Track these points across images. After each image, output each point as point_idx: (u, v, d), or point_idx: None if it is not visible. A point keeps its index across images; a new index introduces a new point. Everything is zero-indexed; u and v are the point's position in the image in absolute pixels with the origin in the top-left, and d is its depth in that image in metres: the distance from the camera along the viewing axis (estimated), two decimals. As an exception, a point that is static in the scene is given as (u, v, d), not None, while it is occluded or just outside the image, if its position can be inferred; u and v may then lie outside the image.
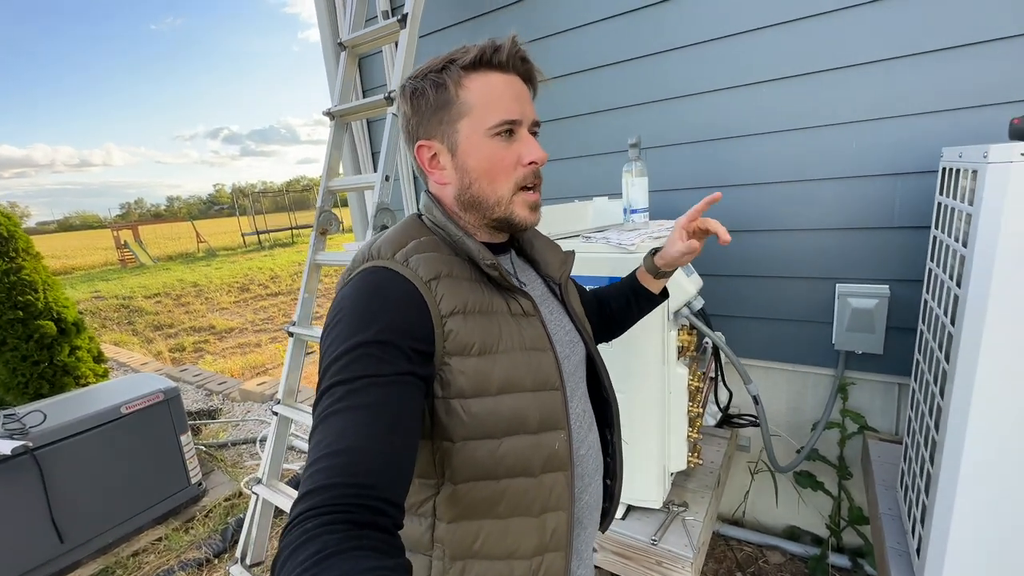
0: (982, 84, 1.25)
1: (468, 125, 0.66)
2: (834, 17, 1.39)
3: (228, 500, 2.48)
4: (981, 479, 0.85)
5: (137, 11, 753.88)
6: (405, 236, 0.67)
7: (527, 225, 0.72)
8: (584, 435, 0.76)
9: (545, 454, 0.66)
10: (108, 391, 2.31)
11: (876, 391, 1.61)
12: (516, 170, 0.68)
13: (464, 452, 0.62)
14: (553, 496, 0.68)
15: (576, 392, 0.76)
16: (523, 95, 0.69)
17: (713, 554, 1.84)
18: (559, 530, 0.69)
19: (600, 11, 1.74)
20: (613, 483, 0.86)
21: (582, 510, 0.76)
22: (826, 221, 1.53)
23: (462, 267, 0.66)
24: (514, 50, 0.66)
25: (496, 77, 0.67)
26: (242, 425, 3.39)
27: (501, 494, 0.64)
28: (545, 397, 0.67)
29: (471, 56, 0.65)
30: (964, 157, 0.90)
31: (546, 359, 0.68)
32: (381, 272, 0.62)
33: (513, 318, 0.68)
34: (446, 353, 0.61)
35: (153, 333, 7.26)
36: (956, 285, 0.89)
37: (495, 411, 0.62)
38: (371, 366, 0.54)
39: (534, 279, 0.81)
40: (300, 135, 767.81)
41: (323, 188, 1.80)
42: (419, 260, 0.63)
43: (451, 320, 0.61)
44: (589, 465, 0.77)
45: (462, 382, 0.61)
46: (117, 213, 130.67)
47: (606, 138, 1.84)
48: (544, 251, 0.83)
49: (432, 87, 0.67)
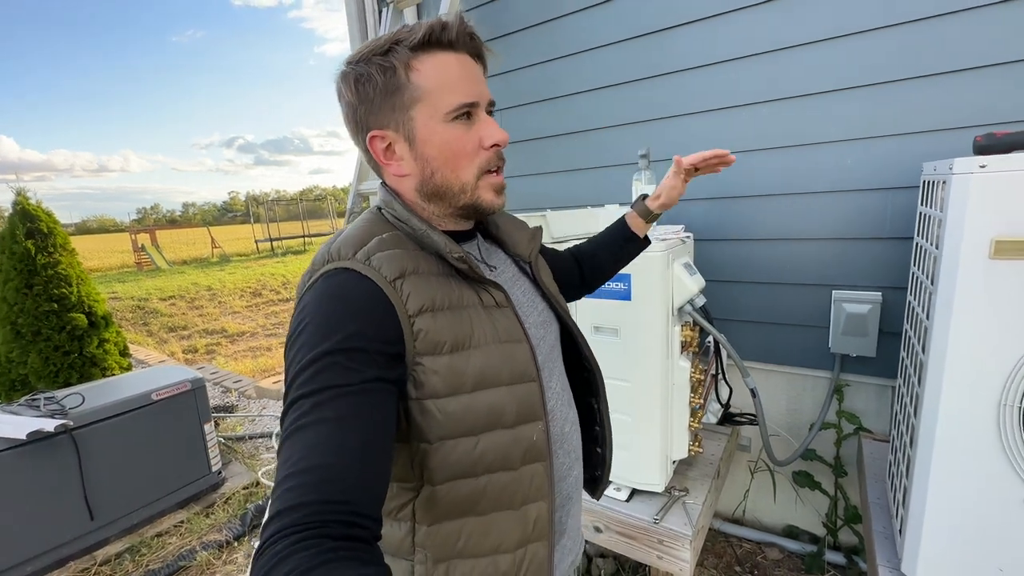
0: (963, 108, 1.37)
1: (424, 111, 0.62)
2: (827, 45, 1.52)
3: (246, 488, 2.58)
4: (954, 458, 0.94)
5: (161, 23, 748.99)
6: (367, 233, 0.63)
7: (495, 209, 0.69)
8: (565, 412, 0.76)
9: (524, 447, 0.65)
10: (140, 379, 2.44)
11: (870, 393, 1.69)
12: (479, 154, 0.65)
13: (441, 452, 0.61)
14: (533, 487, 0.67)
15: (554, 373, 0.76)
16: (477, 75, 0.65)
17: (713, 549, 1.91)
18: (541, 519, 0.68)
19: (614, 35, 1.89)
20: (604, 450, 0.86)
21: (571, 486, 0.77)
22: (823, 231, 1.64)
23: (428, 262, 0.63)
24: (463, 27, 0.63)
25: (448, 57, 0.62)
26: (258, 420, 3.50)
27: (482, 491, 0.63)
28: (521, 389, 0.65)
29: (419, 35, 0.61)
30: (937, 170, 1.01)
31: (521, 350, 0.67)
32: (343, 274, 0.58)
33: (485, 311, 0.65)
34: (417, 353, 0.58)
35: (167, 334, 7.43)
36: (931, 283, 0.99)
37: (471, 408, 0.61)
38: (337, 376, 0.51)
39: (503, 260, 0.78)
40: (313, 146, 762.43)
41: (353, 191, 1.94)
42: (382, 258, 0.59)
43: (419, 319, 0.58)
44: (574, 440, 0.78)
45: (435, 382, 0.59)
46: (134, 218, 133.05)
47: (617, 151, 1.97)
48: (511, 230, 0.81)
49: (379, 71, 0.61)
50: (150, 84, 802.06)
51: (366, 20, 2.49)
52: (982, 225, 0.85)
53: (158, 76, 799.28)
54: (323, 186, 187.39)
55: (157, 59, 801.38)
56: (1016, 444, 0.88)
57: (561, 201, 2.14)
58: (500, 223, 0.80)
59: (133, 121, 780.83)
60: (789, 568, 1.79)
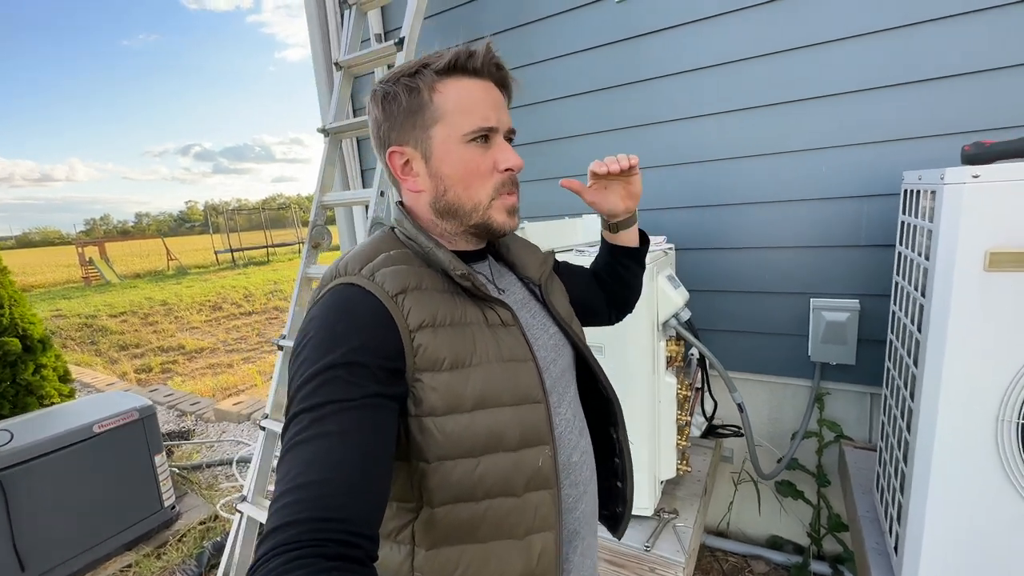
0: (937, 116, 1.38)
1: (443, 131, 0.64)
2: (800, 53, 1.52)
3: (203, 524, 2.39)
4: (952, 475, 0.91)
5: (110, 26, 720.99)
6: (374, 250, 0.65)
7: (506, 230, 0.70)
8: (576, 441, 0.74)
9: (528, 472, 0.63)
10: (80, 409, 2.22)
11: (850, 401, 1.69)
12: (493, 176, 0.66)
13: (440, 473, 0.59)
14: (538, 517, 0.64)
15: (564, 398, 0.74)
16: (499, 102, 0.68)
17: (700, 565, 1.86)
18: (547, 552, 0.65)
19: (585, 42, 1.85)
20: (624, 485, 0.83)
21: (578, 521, 0.73)
22: (800, 239, 1.63)
23: (433, 279, 0.64)
24: (488, 57, 0.65)
25: (471, 83, 0.65)
26: (217, 447, 3.28)
27: (481, 517, 0.61)
28: (526, 411, 0.63)
29: (445, 61, 0.64)
30: (923, 179, 1.00)
31: (526, 370, 0.65)
32: (347, 289, 0.60)
33: (490, 329, 0.65)
34: (416, 369, 0.58)
35: (118, 353, 6.98)
36: (921, 295, 0.97)
37: (470, 428, 0.59)
38: (339, 390, 0.52)
39: (513, 283, 0.78)
40: (275, 153, 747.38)
41: (316, 203, 1.82)
42: (386, 274, 0.61)
43: (419, 334, 0.58)
44: (584, 472, 0.75)
45: (434, 399, 0.58)
46: (81, 229, 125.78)
47: (591, 159, 1.92)
48: (521, 253, 0.81)
49: (405, 91, 0.65)
50: (98, 90, 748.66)
51: (327, 23, 2.37)
52: (976, 237, 0.82)
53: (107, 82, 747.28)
54: (287, 194, 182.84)
55: (106, 64, 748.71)
56: (1015, 460, 0.86)
57: (538, 211, 2.08)
58: (511, 246, 0.81)
59: (80, 129, 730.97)
60: (776, 581, 1.77)
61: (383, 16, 2.32)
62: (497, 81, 0.68)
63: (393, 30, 2.32)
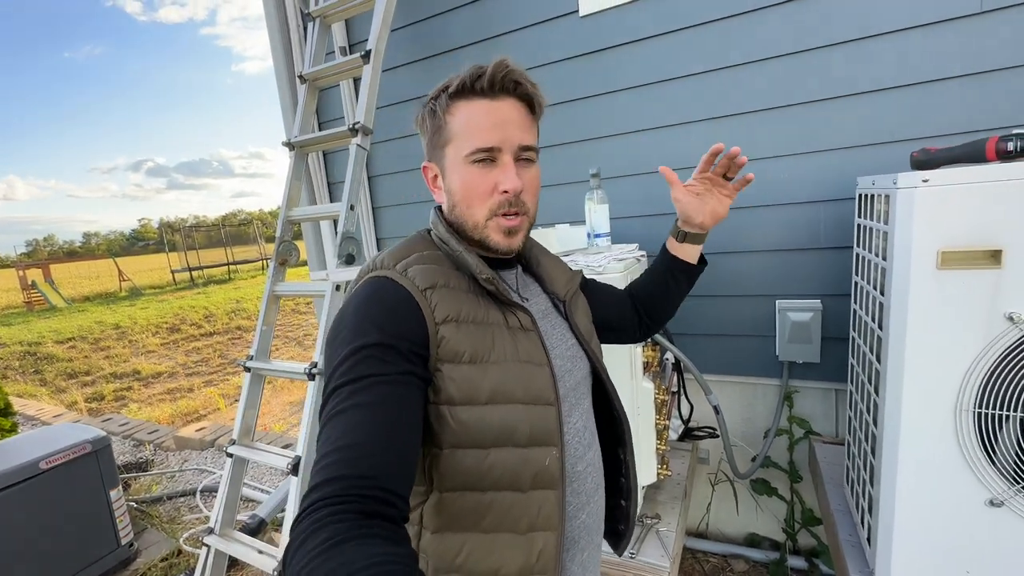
0: (885, 124, 1.47)
1: (452, 151, 0.70)
2: (762, 65, 1.59)
3: (165, 560, 2.24)
4: (918, 465, 0.95)
5: (51, 37, 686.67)
6: (409, 249, 0.70)
7: (502, 250, 0.72)
8: (583, 452, 0.75)
9: (534, 469, 0.65)
10: (25, 444, 2.06)
11: (817, 397, 1.75)
12: (491, 197, 0.69)
13: (451, 460, 0.63)
14: (541, 515, 0.66)
15: (577, 408, 0.76)
16: (509, 120, 0.68)
17: (682, 567, 1.88)
18: (547, 552, 0.66)
19: (554, 54, 1.88)
20: (628, 503, 0.85)
21: (577, 529, 0.74)
22: (765, 243, 1.69)
23: (460, 279, 0.68)
24: (500, 74, 0.67)
25: (479, 105, 0.68)
26: (179, 477, 3.10)
27: (487, 507, 0.64)
28: (537, 411, 0.66)
29: (456, 84, 0.68)
30: (877, 184, 1.05)
31: (541, 373, 0.68)
32: (381, 281, 0.65)
33: (509, 331, 0.68)
34: (438, 359, 0.62)
35: (66, 382, 6.56)
36: (880, 293, 1.02)
37: (483, 420, 0.62)
38: (375, 366, 0.56)
39: (538, 295, 0.81)
40: (234, 168, 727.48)
41: (283, 218, 1.77)
42: (417, 270, 0.66)
43: (444, 327, 0.63)
44: (588, 483, 0.76)
45: (451, 389, 0.62)
46: (23, 251, 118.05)
47: (565, 169, 1.95)
48: (550, 268, 0.84)
49: (430, 113, 0.71)
50: (38, 104, 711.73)
51: (289, 35, 2.33)
52: (929, 237, 0.87)
53: (48, 95, 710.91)
54: (248, 209, 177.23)
55: (46, 76, 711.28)
56: (973, 447, 0.90)
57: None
58: (542, 260, 0.85)
59: (18, 144, 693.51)
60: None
61: (347, 29, 2.30)
62: (519, 97, 0.70)
63: (358, 43, 2.30)
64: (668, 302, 0.97)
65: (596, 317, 0.89)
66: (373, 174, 2.41)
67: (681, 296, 0.98)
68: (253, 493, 2.72)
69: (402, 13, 2.10)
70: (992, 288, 0.85)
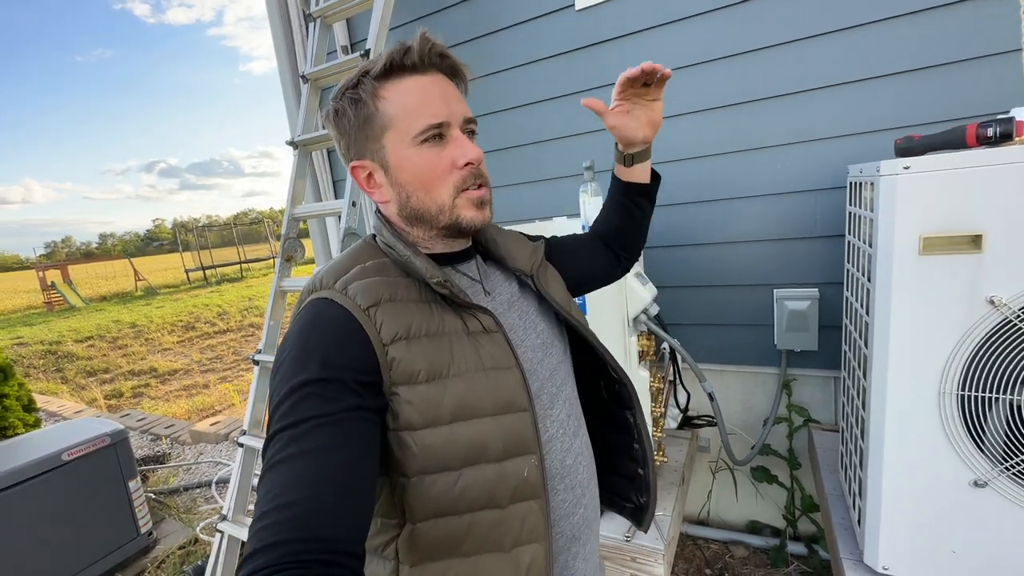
0: (876, 113, 1.47)
1: (393, 137, 0.63)
2: (756, 55, 1.59)
3: (183, 548, 2.33)
4: (904, 447, 0.97)
5: (62, 41, 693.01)
6: (351, 262, 0.64)
7: (476, 224, 0.66)
8: (569, 443, 0.71)
9: (512, 483, 0.61)
10: (48, 437, 2.15)
11: (815, 385, 1.76)
12: (452, 174, 0.64)
13: (420, 488, 0.58)
14: (525, 528, 0.62)
15: (557, 399, 0.71)
16: (449, 93, 0.64)
17: (682, 554, 1.91)
18: (536, 564, 0.62)
19: (548, 49, 1.90)
20: (646, 471, 0.80)
21: (577, 526, 0.71)
22: (761, 233, 1.71)
23: (408, 289, 0.63)
24: (427, 47, 0.63)
25: (413, 81, 0.63)
26: (194, 469, 3.19)
27: (466, 530, 0.59)
28: (509, 421, 0.61)
29: (381, 64, 0.62)
30: (864, 172, 1.07)
31: (510, 378, 0.63)
32: (320, 303, 0.60)
33: (470, 337, 0.63)
34: (393, 383, 0.57)
35: (86, 379, 6.72)
36: (867, 280, 1.03)
37: (450, 441, 0.58)
38: (316, 406, 0.51)
39: (502, 282, 0.76)
40: (244, 168, 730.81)
41: (288, 216, 1.81)
42: (358, 287, 0.60)
43: (393, 347, 0.57)
44: (580, 473, 0.72)
45: (410, 412, 0.57)
46: (42, 253, 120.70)
47: (561, 164, 1.97)
48: (510, 246, 0.77)
49: (351, 105, 0.63)
50: (51, 107, 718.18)
51: (292, 36, 2.37)
52: (910, 223, 0.89)
53: (60, 99, 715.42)
54: (259, 209, 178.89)
55: (58, 80, 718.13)
56: (956, 429, 0.92)
57: (508, 216, 2.11)
58: (499, 239, 0.78)
59: (33, 148, 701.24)
60: (756, 564, 1.82)
61: (348, 28, 2.33)
62: (445, 71, 0.66)
63: (359, 41, 2.34)
64: (637, 228, 0.92)
65: (573, 275, 0.85)
66: (376, 171, 2.45)
67: (647, 218, 0.92)
68: (266, 484, 2.79)
69: (401, 11, 2.13)
70: (973, 272, 0.86)
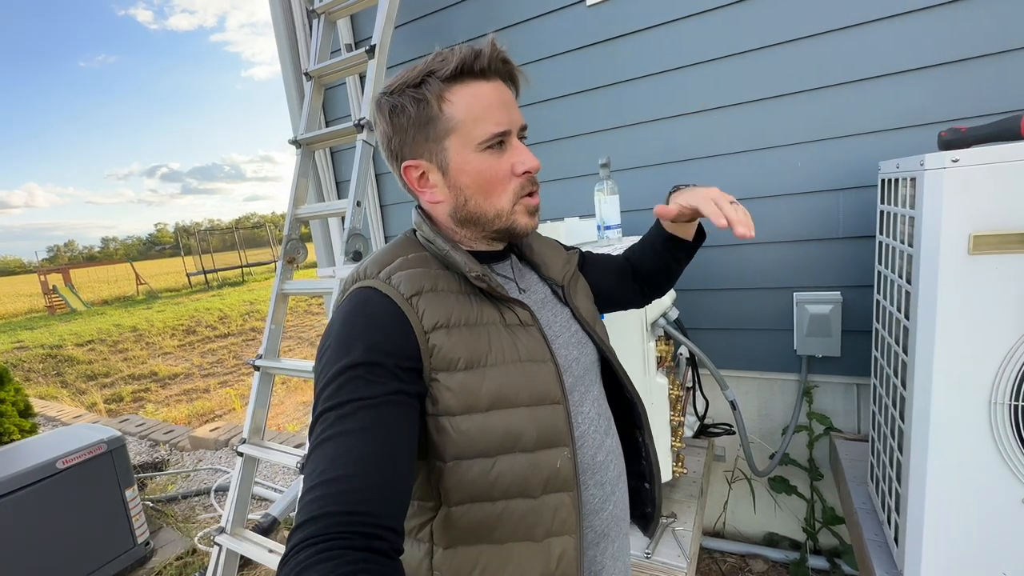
0: (907, 107, 1.41)
1: (457, 141, 0.63)
2: (775, 50, 1.54)
3: (180, 559, 2.26)
4: (949, 461, 0.90)
5: (65, 48, 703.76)
6: (393, 254, 0.67)
7: (529, 231, 0.70)
8: (600, 440, 0.73)
9: (545, 474, 0.63)
10: (42, 444, 2.08)
11: (837, 393, 1.70)
12: (511, 181, 0.66)
13: (456, 472, 0.60)
14: (557, 519, 0.64)
15: (587, 397, 0.73)
16: (509, 101, 0.66)
17: (699, 567, 1.84)
18: (567, 557, 0.64)
19: (562, 45, 1.85)
20: (652, 486, 0.84)
21: (606, 522, 0.72)
22: (780, 234, 1.64)
23: (449, 281, 0.65)
24: (495, 54, 0.64)
25: (480, 87, 0.63)
26: (193, 476, 3.13)
27: (498, 518, 0.61)
28: (543, 412, 0.63)
29: (451, 66, 0.62)
30: (902, 167, 1.00)
31: (545, 371, 0.65)
32: (365, 292, 0.62)
33: (507, 329, 0.65)
34: (433, 369, 0.59)
35: (86, 383, 6.67)
36: (906, 282, 0.97)
37: (486, 428, 0.60)
38: (360, 388, 0.54)
39: (536, 283, 0.78)
40: (246, 172, 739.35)
41: (290, 217, 1.76)
42: (401, 277, 0.62)
43: (434, 335, 0.60)
44: (610, 471, 0.73)
45: (449, 399, 0.59)
46: (44, 257, 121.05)
47: (574, 162, 1.92)
48: (545, 253, 0.81)
49: (412, 103, 0.63)
50: (53, 113, 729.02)
51: (296, 33, 2.32)
52: (959, 221, 0.83)
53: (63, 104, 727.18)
54: (261, 213, 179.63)
55: (61, 86, 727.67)
56: (1009, 442, 0.86)
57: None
58: (535, 246, 0.80)
59: (36, 153, 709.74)
60: (775, 579, 1.75)
61: (352, 25, 2.28)
62: (505, 77, 0.67)
63: (363, 39, 2.29)
64: (669, 277, 0.91)
65: (600, 291, 0.86)
66: (381, 171, 2.40)
67: (681, 270, 0.90)
68: (266, 492, 2.73)
69: (406, 8, 2.09)
70: (1029, 273, 0.80)
